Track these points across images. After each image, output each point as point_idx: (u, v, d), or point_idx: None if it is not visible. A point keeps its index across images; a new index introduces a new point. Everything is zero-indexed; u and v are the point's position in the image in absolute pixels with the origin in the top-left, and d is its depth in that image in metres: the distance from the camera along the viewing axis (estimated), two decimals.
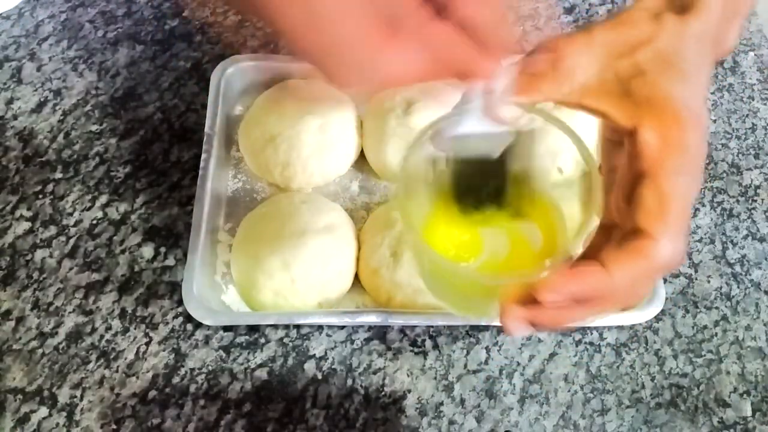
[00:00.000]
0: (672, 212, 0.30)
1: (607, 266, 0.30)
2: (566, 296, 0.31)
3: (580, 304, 0.31)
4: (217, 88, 0.57)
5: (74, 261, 0.53)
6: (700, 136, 0.30)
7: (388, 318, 0.48)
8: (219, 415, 0.47)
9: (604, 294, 0.31)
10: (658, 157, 0.30)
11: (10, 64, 0.63)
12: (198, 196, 0.52)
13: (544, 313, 0.32)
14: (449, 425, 0.47)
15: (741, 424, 0.48)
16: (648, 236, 0.30)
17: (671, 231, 0.30)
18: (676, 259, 0.31)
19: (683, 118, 0.30)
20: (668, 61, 0.30)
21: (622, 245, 0.31)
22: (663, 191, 0.30)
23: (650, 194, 0.30)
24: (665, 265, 0.30)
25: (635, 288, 0.32)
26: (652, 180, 0.30)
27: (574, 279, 0.30)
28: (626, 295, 0.32)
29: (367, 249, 0.52)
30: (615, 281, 0.30)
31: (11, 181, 0.56)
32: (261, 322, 0.50)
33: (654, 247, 0.30)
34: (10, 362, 0.49)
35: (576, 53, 0.31)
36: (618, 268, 0.30)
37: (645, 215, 0.30)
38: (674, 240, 0.30)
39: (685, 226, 0.31)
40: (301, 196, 0.54)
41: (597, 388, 0.49)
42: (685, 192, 0.30)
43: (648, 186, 0.30)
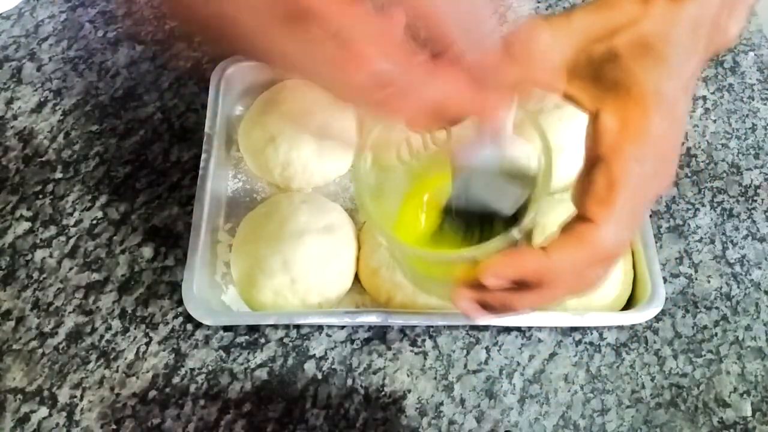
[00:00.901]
0: (619, 199, 0.29)
1: (547, 249, 0.30)
2: (505, 278, 0.30)
3: (526, 289, 0.31)
4: (217, 88, 0.57)
5: (74, 261, 0.53)
6: (670, 125, 0.29)
7: (388, 318, 0.48)
8: (219, 415, 0.47)
9: (545, 278, 0.30)
10: (615, 141, 0.29)
11: (10, 64, 0.63)
12: (198, 196, 0.52)
13: (492, 295, 0.32)
14: (449, 425, 0.47)
15: (741, 424, 0.48)
16: (590, 222, 0.29)
17: (615, 218, 0.29)
18: (619, 249, 0.30)
19: (649, 104, 0.29)
20: (648, 45, 0.29)
21: (566, 229, 0.30)
22: (613, 177, 0.29)
23: (601, 179, 0.29)
24: (606, 252, 0.30)
25: (579, 274, 0.31)
26: (606, 165, 0.29)
27: (512, 261, 0.30)
28: (570, 281, 0.31)
29: (367, 249, 0.52)
30: (553, 265, 0.30)
31: (11, 181, 0.56)
32: (261, 322, 0.50)
33: (594, 232, 0.29)
34: (10, 362, 0.49)
35: (550, 36, 0.31)
36: (556, 251, 0.30)
37: (591, 200, 0.29)
38: (618, 228, 0.29)
39: (633, 216, 0.30)
40: (301, 196, 0.54)
41: (597, 388, 0.49)
42: (638, 181, 0.29)
43: (600, 171, 0.29)
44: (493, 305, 0.32)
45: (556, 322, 0.48)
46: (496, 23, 0.28)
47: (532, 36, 0.31)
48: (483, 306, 0.33)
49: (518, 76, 0.32)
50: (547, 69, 0.31)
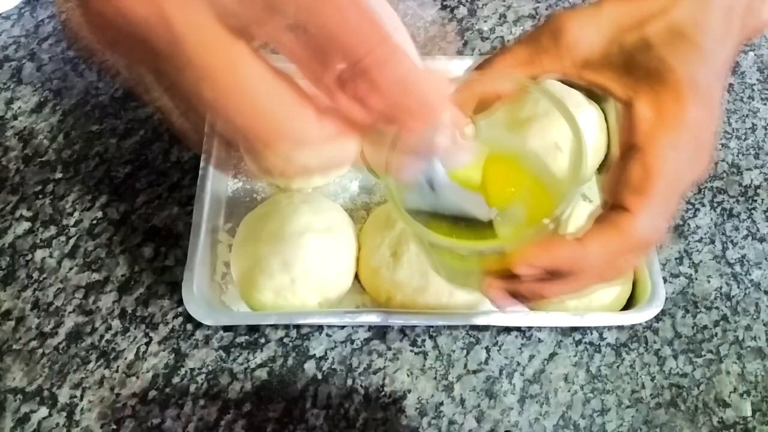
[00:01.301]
0: (655, 188, 0.28)
1: (582, 239, 0.29)
2: (539, 268, 0.30)
3: (557, 278, 0.31)
4: None
5: (74, 261, 0.53)
6: (705, 113, 0.29)
7: (388, 318, 0.48)
8: (219, 415, 0.47)
9: (579, 267, 0.30)
10: (651, 130, 0.29)
11: (10, 64, 0.63)
12: (198, 196, 0.52)
13: (523, 285, 0.31)
14: (449, 425, 0.47)
15: (741, 424, 0.48)
16: (626, 211, 0.29)
17: (651, 207, 0.29)
18: (655, 237, 0.30)
19: (683, 92, 0.28)
20: (681, 33, 0.29)
21: (600, 219, 0.30)
22: (649, 166, 0.29)
23: (636, 168, 0.29)
24: (642, 241, 0.29)
25: (612, 263, 0.31)
26: (641, 154, 0.29)
27: (547, 251, 0.30)
28: (603, 269, 0.31)
29: (367, 249, 0.52)
30: (588, 254, 0.29)
31: (11, 181, 0.56)
32: (261, 322, 0.50)
33: (630, 221, 0.29)
34: (10, 362, 0.49)
35: (578, 27, 0.30)
36: (592, 241, 0.29)
37: (627, 189, 0.29)
38: (654, 217, 0.29)
39: (669, 205, 0.29)
40: (301, 196, 0.54)
41: (597, 388, 0.49)
42: (674, 170, 0.29)
43: (636, 160, 0.29)
44: (523, 294, 0.32)
45: (556, 322, 0.48)
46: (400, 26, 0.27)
47: (560, 27, 0.31)
48: (513, 295, 0.32)
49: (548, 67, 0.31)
50: (577, 60, 0.31)
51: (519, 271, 0.30)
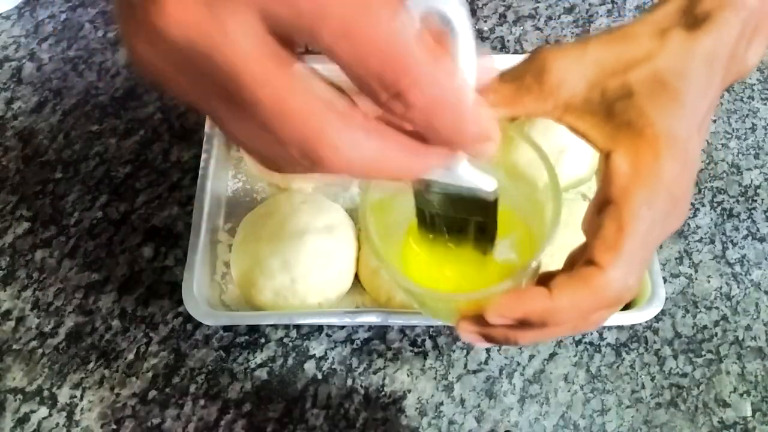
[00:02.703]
0: (627, 245, 0.28)
1: (551, 290, 0.29)
2: (509, 319, 0.30)
3: (529, 327, 0.31)
4: None
5: (74, 261, 0.53)
6: (682, 167, 0.29)
7: (388, 318, 0.48)
8: (219, 415, 0.47)
9: (548, 319, 0.30)
10: (627, 185, 0.29)
11: (10, 64, 0.63)
12: (198, 196, 0.52)
13: (495, 331, 0.32)
14: (449, 425, 0.47)
15: (741, 424, 0.48)
16: (597, 265, 0.29)
17: (622, 264, 0.29)
18: (625, 294, 0.30)
19: (661, 146, 0.28)
20: (663, 82, 0.29)
21: (572, 272, 0.30)
22: (623, 222, 0.28)
23: (610, 223, 0.29)
24: (612, 298, 0.29)
25: (583, 316, 0.31)
26: (616, 210, 0.29)
27: (518, 303, 0.30)
28: (574, 322, 0.31)
29: (367, 249, 0.52)
30: (558, 309, 0.29)
31: (11, 181, 0.56)
32: (261, 322, 0.50)
33: (600, 277, 0.29)
34: (10, 362, 0.49)
35: (564, 68, 0.30)
36: (560, 294, 0.29)
37: (599, 244, 0.29)
38: (625, 274, 0.29)
39: (640, 261, 0.29)
40: (301, 196, 0.54)
41: (597, 388, 0.49)
42: (647, 227, 0.29)
43: (609, 214, 0.29)
44: (497, 339, 0.33)
45: None
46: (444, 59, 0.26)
47: (544, 66, 0.30)
48: (487, 339, 0.33)
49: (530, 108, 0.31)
50: (559, 103, 0.30)
51: (491, 321, 0.30)
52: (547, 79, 0.30)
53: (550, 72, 0.30)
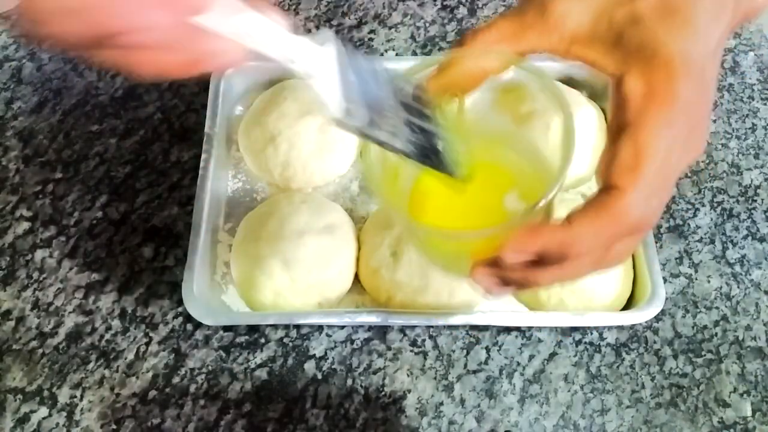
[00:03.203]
0: (647, 166, 0.27)
1: (570, 221, 0.28)
2: (526, 253, 0.29)
3: (547, 264, 0.29)
4: (216, 88, 0.57)
5: (74, 261, 0.53)
6: (698, 88, 0.28)
7: (388, 318, 0.48)
8: (219, 415, 0.47)
9: (568, 251, 0.28)
10: (642, 107, 0.28)
11: (10, 64, 0.63)
12: (198, 196, 0.52)
13: (512, 272, 0.30)
14: (449, 425, 0.47)
15: (741, 424, 0.48)
16: (617, 189, 0.28)
17: (644, 186, 0.27)
18: (649, 219, 0.28)
19: (675, 66, 0.27)
20: (673, 7, 0.28)
21: (591, 200, 0.29)
22: (641, 143, 0.27)
23: (627, 146, 0.28)
24: (635, 223, 0.28)
25: (605, 247, 0.29)
26: (633, 131, 0.28)
27: (534, 236, 0.29)
28: (595, 255, 0.29)
29: (367, 249, 0.52)
30: (578, 237, 0.28)
31: (11, 181, 0.56)
32: (261, 322, 0.50)
33: (622, 200, 0.27)
34: (10, 362, 0.49)
35: (566, 1, 0.30)
36: (581, 223, 0.28)
37: (618, 168, 0.28)
38: (646, 197, 0.28)
39: (662, 185, 0.28)
40: (301, 196, 0.54)
41: (597, 388, 0.49)
42: (668, 147, 0.28)
43: (627, 138, 0.28)
44: (514, 281, 0.31)
45: (556, 322, 0.48)
46: None
47: (546, 1, 0.30)
48: (503, 283, 0.31)
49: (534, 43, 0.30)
50: (565, 36, 0.30)
51: (506, 259, 0.29)
52: (550, 13, 0.30)
53: (553, 6, 0.30)
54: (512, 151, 0.34)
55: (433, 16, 0.67)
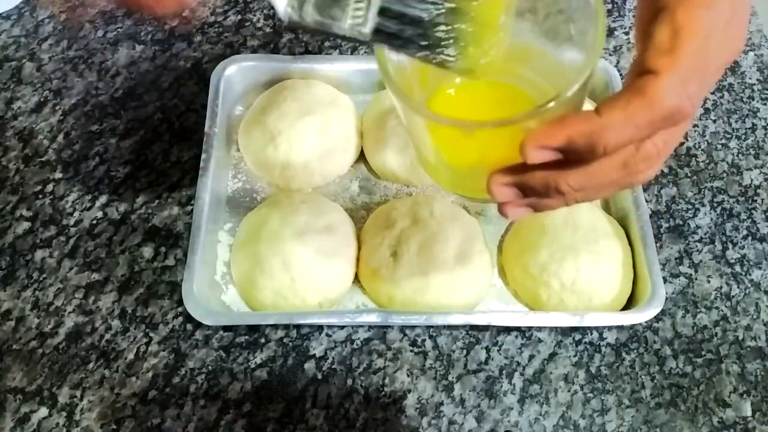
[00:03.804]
0: (684, 47, 0.25)
1: (600, 109, 0.26)
2: (551, 145, 0.26)
3: (573, 164, 0.27)
4: (216, 88, 0.57)
5: (74, 261, 0.53)
6: None
7: (388, 318, 0.48)
8: (219, 415, 0.47)
9: (598, 142, 0.26)
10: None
11: (10, 64, 0.63)
12: (198, 196, 0.52)
13: (533, 175, 0.28)
14: (449, 425, 0.47)
15: (741, 424, 0.48)
16: (651, 73, 0.25)
17: (680, 70, 0.25)
18: (684, 105, 0.26)
19: None
20: None
21: (622, 90, 0.26)
22: (677, 23, 0.25)
23: (663, 28, 0.26)
24: (670, 109, 0.25)
25: (635, 139, 0.26)
26: (669, 12, 0.26)
27: (561, 126, 0.26)
28: (624, 154, 0.27)
29: (367, 249, 0.52)
30: (606, 125, 0.25)
31: (11, 181, 0.56)
32: (261, 322, 0.50)
33: (657, 84, 0.25)
34: (10, 362, 0.49)
35: None
36: (612, 109, 0.25)
37: (653, 52, 0.26)
38: (683, 82, 0.25)
39: (701, 72, 0.26)
40: (301, 196, 0.54)
41: (597, 388, 0.49)
42: (706, 28, 0.25)
43: (663, 19, 0.26)
44: (535, 187, 0.28)
45: (556, 322, 0.48)
46: None
47: None
48: (523, 192, 0.29)
49: None
50: None
51: (530, 156, 0.26)
52: None
53: None
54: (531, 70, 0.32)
55: None
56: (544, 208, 0.30)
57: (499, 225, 0.55)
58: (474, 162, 0.33)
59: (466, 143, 0.32)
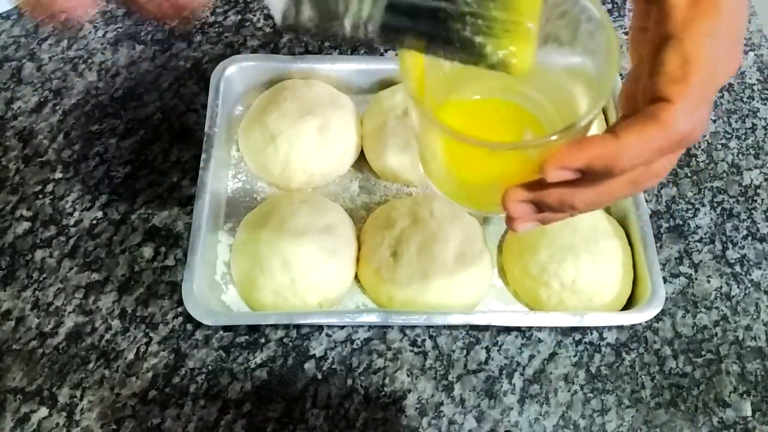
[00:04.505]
0: (694, 77, 0.27)
1: (617, 133, 0.28)
2: (573, 166, 0.28)
3: (587, 182, 0.29)
4: (216, 88, 0.57)
5: (74, 261, 0.53)
6: (738, 3, 0.28)
7: (388, 318, 0.48)
8: (219, 415, 0.47)
9: (615, 165, 0.28)
10: (687, 17, 0.28)
11: (10, 64, 0.63)
12: (198, 196, 0.52)
13: (549, 194, 0.30)
14: (449, 425, 0.47)
15: (741, 424, 0.48)
16: (665, 101, 0.28)
17: (690, 97, 0.27)
18: (695, 130, 0.28)
19: None
20: None
21: (636, 116, 0.28)
22: (687, 53, 0.27)
23: (673, 57, 0.28)
24: (682, 134, 0.28)
25: (650, 158, 0.29)
26: (678, 42, 0.28)
27: (581, 149, 0.28)
28: (635, 173, 0.29)
29: (367, 249, 0.52)
30: (625, 150, 0.28)
31: (11, 181, 0.56)
32: (261, 322, 0.50)
33: (670, 112, 0.27)
34: (10, 362, 0.49)
35: None
36: (630, 135, 0.28)
37: (665, 80, 0.28)
38: (693, 108, 0.28)
39: (707, 97, 0.28)
40: (301, 196, 0.54)
41: (597, 388, 0.49)
42: (712, 57, 0.28)
43: (672, 48, 0.28)
44: (551, 204, 0.30)
45: (556, 322, 0.48)
46: None
47: None
48: (538, 207, 0.31)
49: None
50: None
51: (551, 175, 0.28)
52: None
53: None
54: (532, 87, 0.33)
55: None
56: (552, 220, 0.33)
57: (499, 225, 0.55)
58: (487, 179, 0.34)
59: (480, 161, 0.33)
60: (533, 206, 0.31)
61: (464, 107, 0.36)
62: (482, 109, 0.36)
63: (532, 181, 0.30)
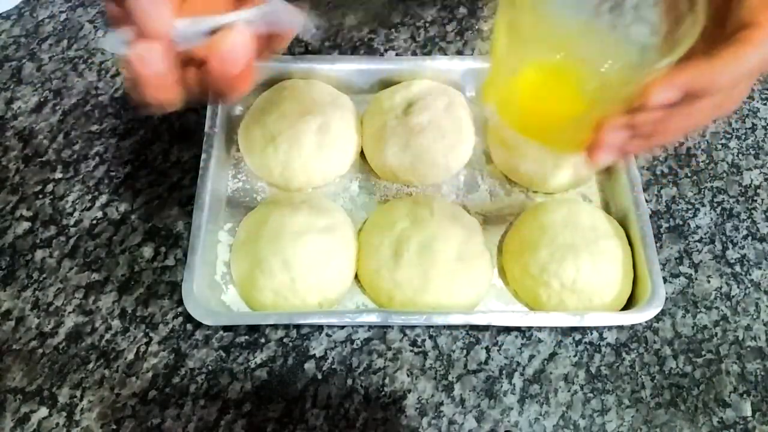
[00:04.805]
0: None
1: (711, 59, 0.30)
2: (675, 90, 0.30)
3: (681, 107, 0.31)
4: None
5: (74, 261, 0.53)
6: None
7: (388, 318, 0.48)
8: (219, 415, 0.47)
9: (711, 85, 0.30)
10: None
11: (10, 64, 0.63)
12: (198, 196, 0.52)
13: (644, 117, 0.32)
14: (449, 425, 0.47)
15: (741, 424, 0.48)
16: (755, 25, 0.29)
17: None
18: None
19: None
20: None
21: (725, 42, 0.30)
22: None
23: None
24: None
25: (738, 82, 0.31)
26: None
27: (680, 69, 0.30)
28: (723, 95, 0.31)
29: (367, 249, 0.52)
30: (721, 68, 0.30)
31: (11, 181, 0.56)
32: (261, 322, 0.50)
33: (761, 32, 0.29)
34: (10, 362, 0.49)
35: None
36: (724, 55, 0.30)
37: (750, 7, 0.30)
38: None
39: None
40: (301, 196, 0.54)
41: (597, 388, 0.49)
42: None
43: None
44: (646, 128, 0.32)
45: (556, 322, 0.48)
46: None
47: None
48: (632, 129, 0.33)
49: None
50: None
51: (654, 98, 0.30)
52: None
53: None
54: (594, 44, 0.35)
55: (433, 16, 0.67)
56: (636, 151, 0.36)
57: (499, 225, 0.55)
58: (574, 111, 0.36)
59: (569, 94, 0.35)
60: (627, 134, 0.33)
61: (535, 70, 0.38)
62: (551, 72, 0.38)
63: (628, 111, 0.31)
